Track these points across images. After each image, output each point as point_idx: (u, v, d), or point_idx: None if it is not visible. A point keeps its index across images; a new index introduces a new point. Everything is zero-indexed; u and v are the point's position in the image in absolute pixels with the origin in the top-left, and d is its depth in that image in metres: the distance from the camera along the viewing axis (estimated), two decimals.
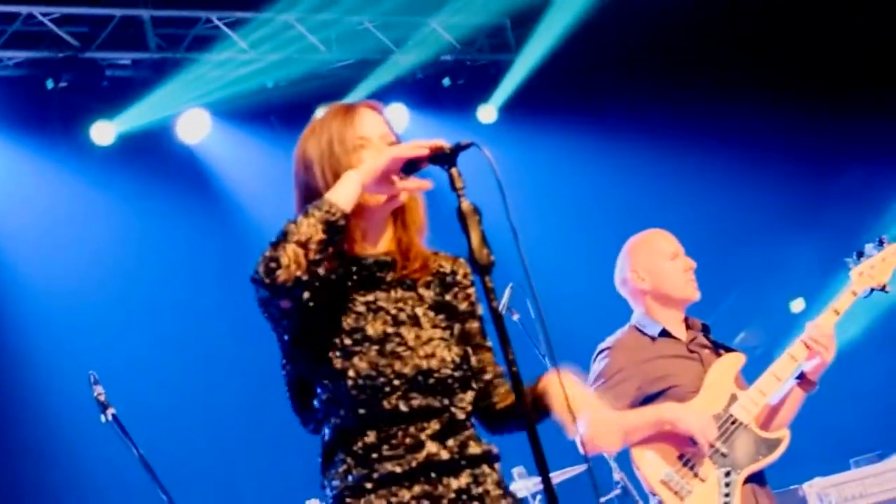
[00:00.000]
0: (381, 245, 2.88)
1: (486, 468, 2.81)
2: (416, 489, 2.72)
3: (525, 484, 6.09)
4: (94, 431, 4.82)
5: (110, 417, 4.65)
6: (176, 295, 7.93)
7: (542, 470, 2.57)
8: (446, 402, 2.78)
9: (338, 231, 2.66)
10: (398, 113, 9.17)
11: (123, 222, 8.04)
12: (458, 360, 2.81)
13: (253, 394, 5.48)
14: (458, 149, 2.71)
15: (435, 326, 2.84)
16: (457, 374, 2.80)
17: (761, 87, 9.31)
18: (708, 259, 8.83)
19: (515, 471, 6.10)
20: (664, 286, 4.88)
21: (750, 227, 9.24)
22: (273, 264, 2.62)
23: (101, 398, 4.68)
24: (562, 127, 9.31)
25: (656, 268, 4.90)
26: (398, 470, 2.72)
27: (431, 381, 2.76)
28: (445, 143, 2.75)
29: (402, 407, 2.73)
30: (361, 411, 2.73)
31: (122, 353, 7.53)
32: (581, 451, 4.66)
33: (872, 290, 4.96)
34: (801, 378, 4.80)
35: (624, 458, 4.79)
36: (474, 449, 2.81)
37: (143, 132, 8.06)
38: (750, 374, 4.80)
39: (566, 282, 8.71)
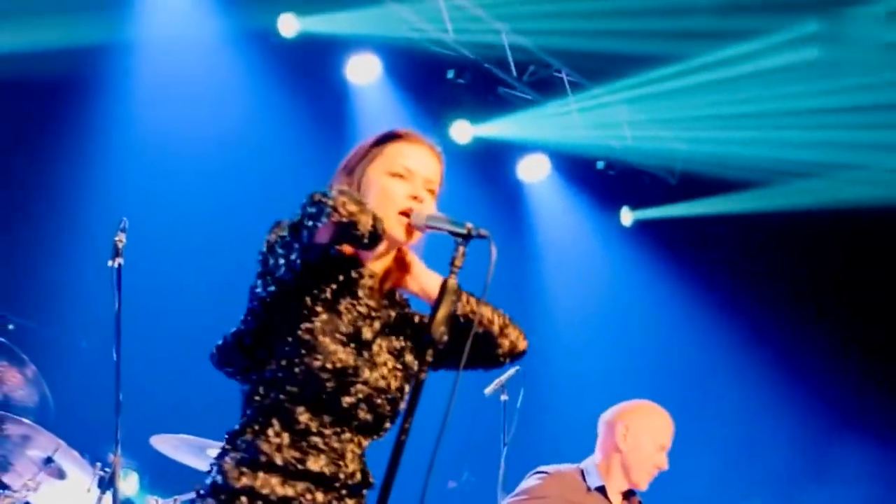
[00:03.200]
0: (377, 265, 3.03)
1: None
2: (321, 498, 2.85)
3: None
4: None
5: (116, 265, 4.66)
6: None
7: None
8: (380, 425, 2.96)
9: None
10: (540, 160, 9.29)
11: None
12: (400, 393, 2.97)
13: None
14: (473, 235, 2.83)
15: (395, 353, 2.99)
16: (397, 404, 2.95)
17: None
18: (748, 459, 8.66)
19: None
20: (634, 462, 4.96)
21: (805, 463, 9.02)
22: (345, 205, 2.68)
23: (119, 245, 4.66)
24: (670, 275, 9.31)
25: (644, 444, 4.98)
26: (323, 470, 2.84)
27: (379, 401, 2.92)
28: (470, 224, 2.87)
29: (358, 413, 2.88)
30: (323, 397, 2.84)
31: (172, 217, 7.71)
32: None
33: None
34: None
35: None
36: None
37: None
38: None
39: (588, 386, 8.73)
